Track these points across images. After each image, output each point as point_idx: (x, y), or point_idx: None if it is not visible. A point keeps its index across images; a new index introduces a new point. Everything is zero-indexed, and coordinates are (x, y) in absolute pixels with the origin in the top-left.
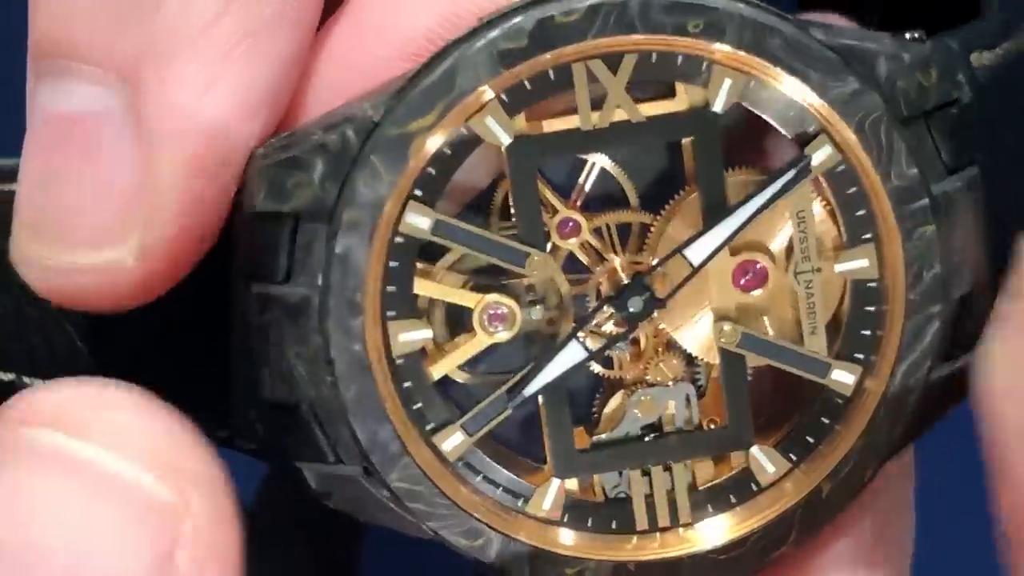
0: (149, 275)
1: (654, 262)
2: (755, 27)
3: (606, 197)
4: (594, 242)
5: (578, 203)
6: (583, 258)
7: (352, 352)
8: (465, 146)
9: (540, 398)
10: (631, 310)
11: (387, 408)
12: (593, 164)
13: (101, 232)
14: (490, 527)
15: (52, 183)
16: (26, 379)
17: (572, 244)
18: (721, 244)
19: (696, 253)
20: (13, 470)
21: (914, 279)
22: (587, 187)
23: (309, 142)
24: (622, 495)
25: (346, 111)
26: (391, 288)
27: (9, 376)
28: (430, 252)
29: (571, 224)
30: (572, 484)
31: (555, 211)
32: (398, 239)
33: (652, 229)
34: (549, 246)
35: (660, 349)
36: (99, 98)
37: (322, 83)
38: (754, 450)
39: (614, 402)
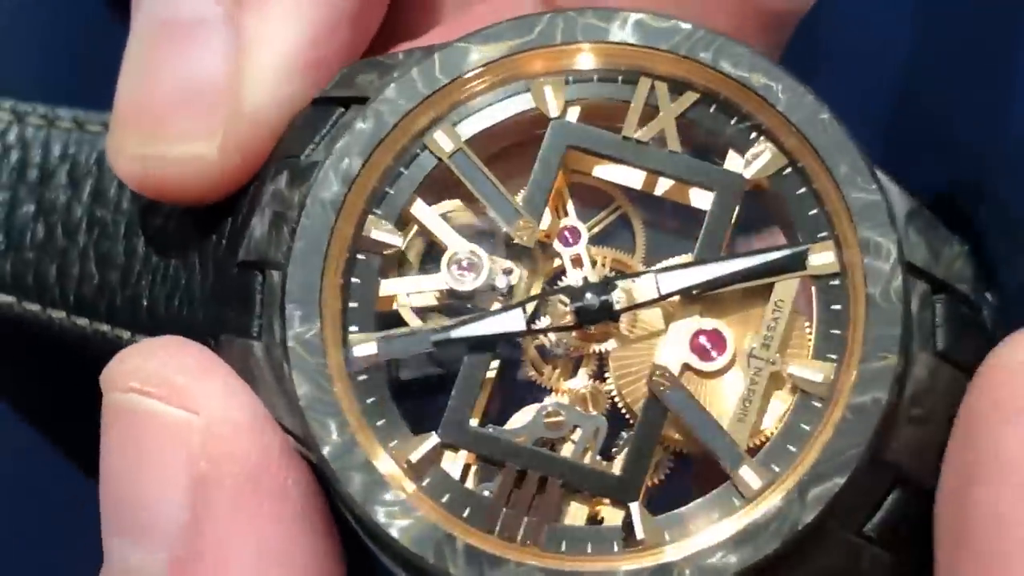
0: (229, 169)
1: (627, 273)
2: (808, 106)
3: (616, 241)
4: (585, 261)
5: (590, 229)
6: (568, 268)
7: (321, 220)
8: (512, 98)
9: (465, 358)
10: (586, 302)
11: (324, 291)
12: (618, 207)
13: (191, 126)
14: (350, 432)
15: (149, 81)
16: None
17: (564, 252)
18: (695, 285)
19: (668, 282)
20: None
21: (853, 407)
22: (605, 223)
23: (392, 55)
24: (487, 493)
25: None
26: (388, 189)
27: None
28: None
29: (572, 233)
30: (453, 463)
31: (564, 215)
32: (416, 151)
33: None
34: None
35: (593, 376)
36: (202, 6)
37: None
38: (633, 507)
39: (529, 408)
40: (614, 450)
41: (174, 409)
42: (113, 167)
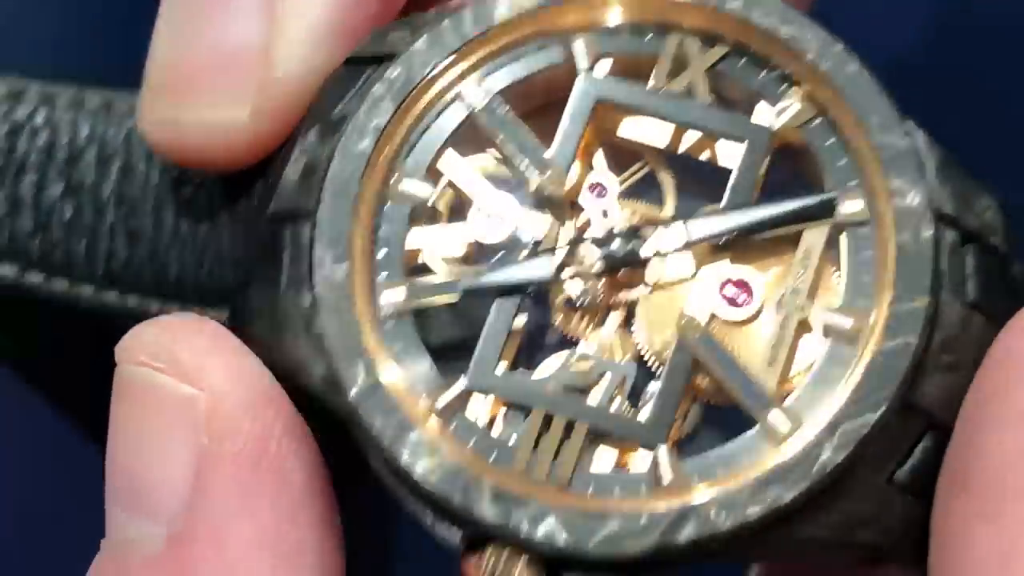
0: (261, 135)
1: (656, 221)
2: (838, 56)
3: (645, 198)
4: (614, 215)
5: (620, 184)
6: (596, 223)
7: (351, 168)
8: (543, 51)
9: (494, 305)
10: (613, 249)
11: (354, 239)
12: (647, 164)
13: (223, 92)
14: (376, 378)
15: (182, 46)
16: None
17: (593, 205)
18: (725, 231)
19: (697, 228)
20: (113, 400)
21: (884, 352)
22: (633, 179)
23: (425, 14)
24: (514, 441)
25: None
26: (417, 139)
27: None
28: None
29: (600, 187)
30: (481, 409)
31: (591, 168)
32: (447, 103)
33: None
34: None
35: (621, 326)
36: None
37: None
38: (661, 450)
39: (557, 356)
40: (642, 402)
41: (180, 384)
42: (142, 133)
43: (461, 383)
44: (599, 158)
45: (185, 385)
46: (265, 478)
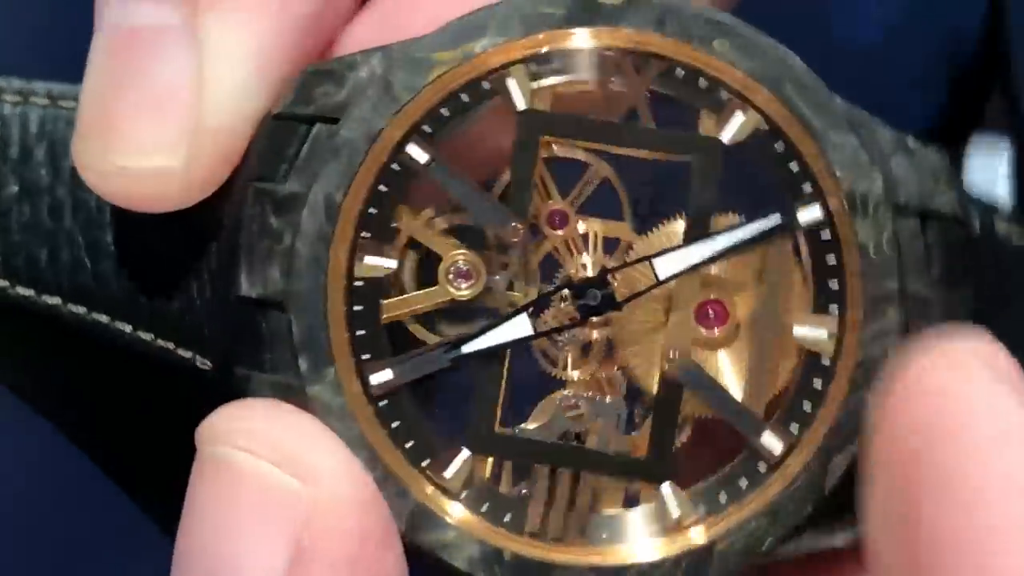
0: (195, 180)
1: (623, 263)
2: (777, 63)
3: (602, 207)
4: (577, 241)
5: (573, 203)
6: (563, 253)
7: (313, 256)
8: (481, 98)
9: (480, 369)
10: (588, 301)
11: (330, 328)
12: (596, 170)
13: (153, 139)
14: (383, 464)
15: (111, 92)
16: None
17: (556, 236)
18: (691, 266)
19: (664, 266)
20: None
21: (864, 362)
22: (586, 191)
23: (345, 61)
24: (524, 492)
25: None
26: (372, 210)
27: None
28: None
29: (560, 217)
30: (484, 468)
31: (548, 197)
32: (393, 166)
33: (633, 247)
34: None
35: (605, 362)
36: (160, 15)
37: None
38: (664, 488)
39: (549, 403)
40: (636, 421)
41: (284, 475)
42: (81, 176)
43: (464, 453)
44: (553, 187)
45: (289, 476)
46: None
